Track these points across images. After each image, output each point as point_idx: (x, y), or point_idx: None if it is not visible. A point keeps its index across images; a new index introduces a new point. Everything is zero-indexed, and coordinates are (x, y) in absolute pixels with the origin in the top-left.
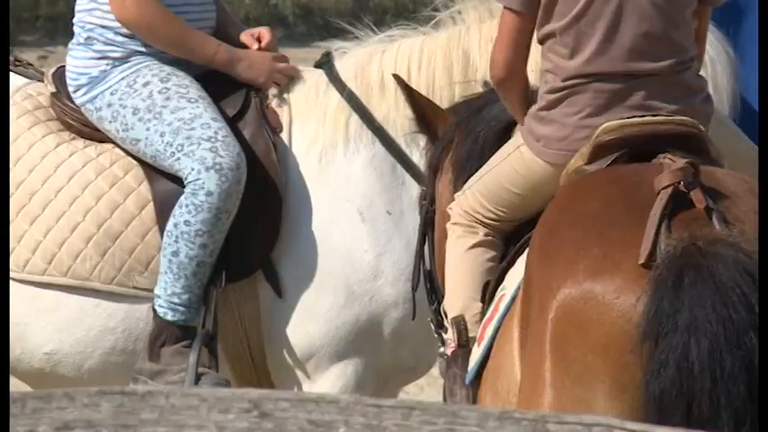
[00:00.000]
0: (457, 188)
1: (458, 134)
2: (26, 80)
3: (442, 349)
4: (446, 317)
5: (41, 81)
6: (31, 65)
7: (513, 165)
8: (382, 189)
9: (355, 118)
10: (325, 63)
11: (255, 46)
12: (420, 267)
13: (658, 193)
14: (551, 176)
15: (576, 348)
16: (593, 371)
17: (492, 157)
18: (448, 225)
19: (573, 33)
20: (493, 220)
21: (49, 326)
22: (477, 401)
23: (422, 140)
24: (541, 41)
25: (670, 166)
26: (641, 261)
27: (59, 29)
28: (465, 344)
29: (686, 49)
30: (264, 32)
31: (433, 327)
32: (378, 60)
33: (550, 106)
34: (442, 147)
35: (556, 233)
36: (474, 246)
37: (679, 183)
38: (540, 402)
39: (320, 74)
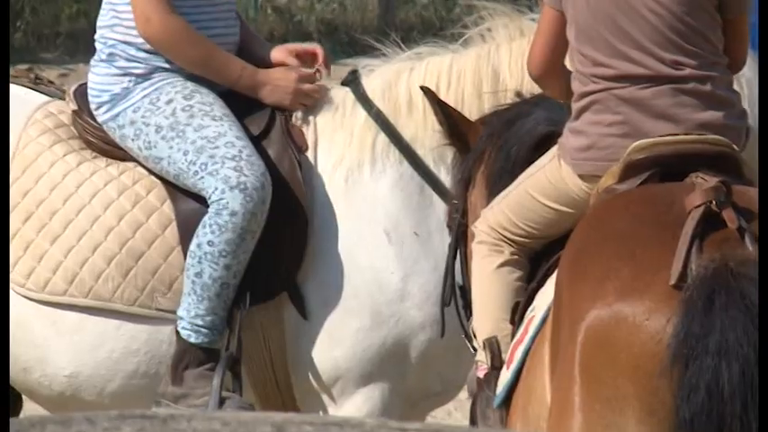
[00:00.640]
0: (489, 203)
1: (489, 146)
2: (47, 98)
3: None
4: (475, 338)
5: (62, 99)
6: (52, 83)
7: (548, 175)
8: (409, 210)
9: (382, 137)
10: (352, 81)
11: (293, 62)
12: (452, 282)
13: (690, 213)
14: (582, 192)
15: (606, 371)
16: (623, 394)
17: (524, 172)
18: (473, 244)
19: (588, 38)
20: (521, 237)
21: (70, 348)
22: (506, 426)
23: (450, 159)
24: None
25: (702, 185)
26: (672, 282)
27: (80, 46)
28: (499, 366)
29: (707, 57)
30: (317, 51)
31: (468, 344)
32: (406, 78)
33: (577, 116)
34: (474, 159)
35: (586, 253)
36: (501, 265)
37: (711, 202)
38: (570, 426)
39: (347, 91)
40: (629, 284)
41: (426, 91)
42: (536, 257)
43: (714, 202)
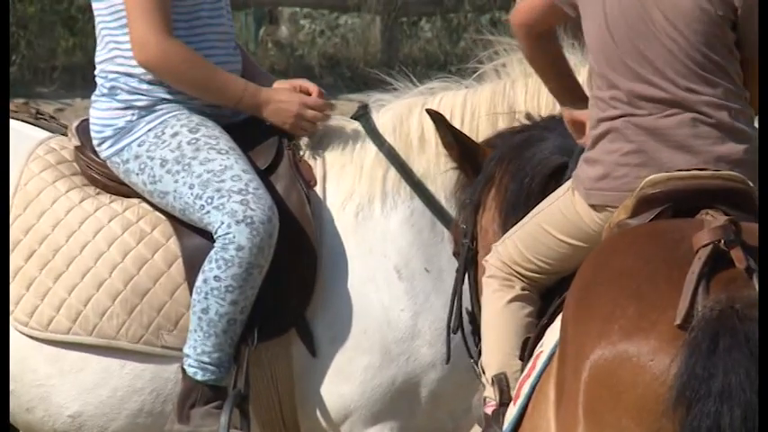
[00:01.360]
0: (503, 233)
1: (499, 171)
2: (48, 133)
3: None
4: (483, 373)
5: (64, 134)
6: (53, 117)
7: (561, 208)
8: (420, 246)
9: (393, 172)
10: (362, 115)
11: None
12: (459, 308)
13: (697, 252)
14: (596, 225)
15: (610, 411)
16: None
17: (538, 205)
18: (483, 279)
19: (607, 61)
20: (533, 272)
21: (73, 387)
22: None
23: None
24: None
25: (711, 223)
26: (678, 322)
27: (77, 80)
28: (507, 402)
29: (725, 87)
30: (311, 88)
31: (475, 369)
32: (418, 113)
33: (593, 145)
34: (484, 183)
35: (592, 290)
36: (512, 300)
37: (719, 241)
38: None
39: (356, 126)
40: (635, 323)
41: (434, 114)
42: (548, 293)
43: (723, 241)
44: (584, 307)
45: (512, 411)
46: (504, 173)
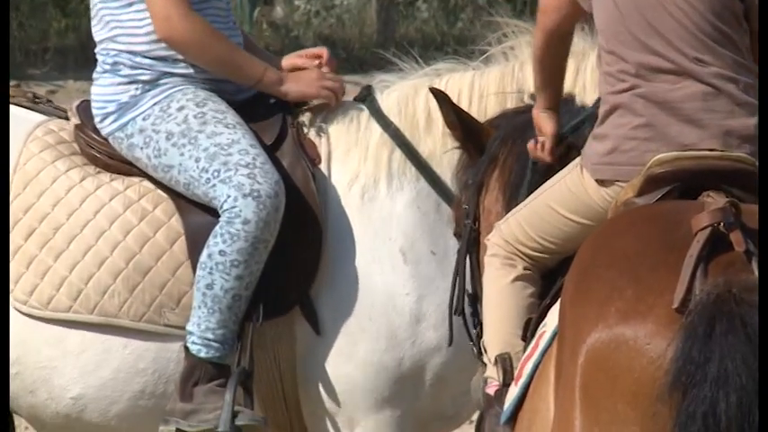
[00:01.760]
0: (506, 213)
1: (504, 151)
2: (45, 117)
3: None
4: (485, 352)
5: (62, 118)
6: (50, 101)
7: (569, 185)
8: (426, 228)
9: (398, 154)
10: (366, 96)
11: (306, 63)
12: (462, 290)
13: (696, 235)
14: (603, 202)
15: (606, 395)
16: (623, 419)
17: (542, 186)
18: (486, 257)
19: (616, 36)
20: (536, 251)
21: (75, 369)
22: None
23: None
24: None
25: (710, 205)
26: (675, 306)
27: (69, 62)
28: (510, 382)
29: (734, 59)
30: (321, 51)
31: (474, 351)
32: (424, 94)
33: (602, 120)
34: (487, 163)
35: (590, 273)
36: (514, 280)
37: (718, 223)
38: None
39: (360, 107)
40: (632, 306)
41: (438, 93)
42: (550, 274)
43: (722, 224)
44: (582, 290)
45: (513, 392)
46: (508, 154)
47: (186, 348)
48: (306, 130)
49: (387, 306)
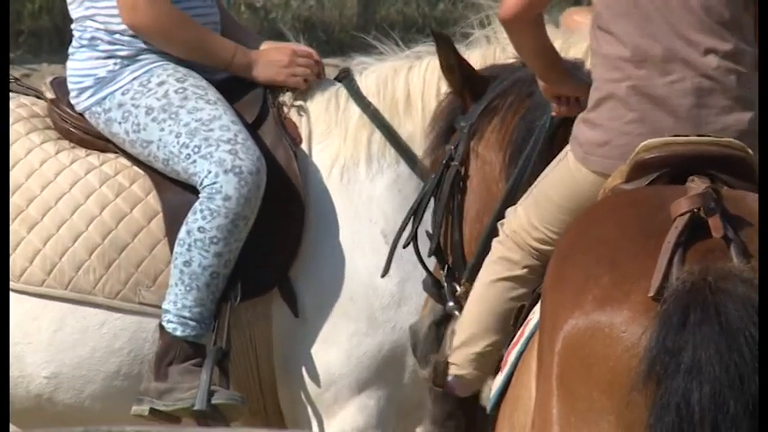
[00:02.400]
0: (506, 169)
1: (502, 101)
2: (17, 94)
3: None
4: (454, 333)
5: (35, 96)
6: (17, 79)
7: (561, 173)
8: (407, 208)
9: (378, 135)
10: (345, 77)
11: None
12: (416, 225)
13: (674, 220)
14: (594, 188)
15: (582, 384)
16: (599, 408)
17: (545, 170)
18: (494, 241)
19: (614, 16)
20: (540, 242)
21: (51, 347)
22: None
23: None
24: (593, 27)
25: (691, 190)
26: (651, 293)
27: (44, 45)
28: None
29: (737, 44)
30: (312, 52)
31: (427, 291)
32: (404, 76)
33: (595, 105)
34: (483, 110)
35: (569, 259)
36: (505, 279)
37: (698, 209)
38: None
39: (339, 87)
40: (608, 293)
41: (438, 34)
42: None
43: (702, 209)
44: (561, 276)
45: (498, 380)
46: (509, 108)
47: (161, 327)
48: (286, 109)
49: (368, 289)
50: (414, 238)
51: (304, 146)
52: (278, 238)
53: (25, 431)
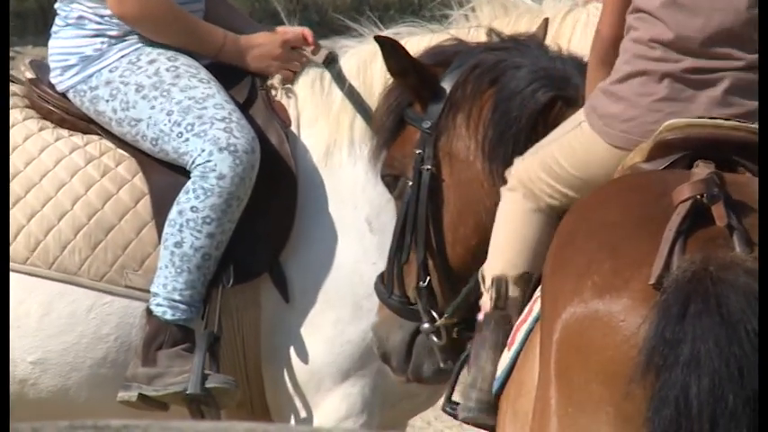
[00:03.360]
0: (492, 171)
1: (462, 94)
2: None
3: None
4: (483, 281)
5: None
6: None
7: (572, 143)
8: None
9: (360, 119)
10: (330, 61)
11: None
12: (413, 236)
13: (677, 207)
14: (610, 161)
15: (579, 374)
16: (597, 399)
17: (554, 130)
18: (503, 190)
19: (662, 3)
20: (549, 197)
21: (38, 332)
22: (498, 414)
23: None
24: (632, 12)
25: (695, 175)
26: (651, 281)
27: (29, 27)
28: (503, 306)
29: (755, 47)
30: (306, 33)
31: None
32: (380, 59)
33: (623, 79)
34: (449, 106)
35: (570, 243)
36: (536, 210)
37: (701, 195)
38: (546, 430)
39: (323, 71)
40: (608, 280)
41: (385, 40)
42: None
43: (705, 196)
44: (562, 260)
45: (505, 358)
46: (471, 100)
47: (149, 311)
48: (275, 92)
49: (352, 276)
50: (402, 250)
51: (293, 128)
52: (270, 220)
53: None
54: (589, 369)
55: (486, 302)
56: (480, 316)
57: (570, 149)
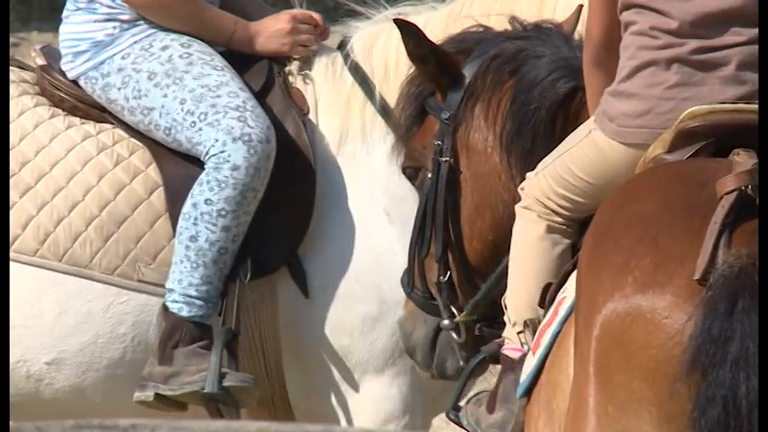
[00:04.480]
0: (510, 164)
1: (488, 86)
2: None
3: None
4: (506, 309)
5: (19, 67)
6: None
7: (585, 151)
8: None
9: (370, 107)
10: (342, 46)
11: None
12: (432, 231)
13: (721, 199)
14: (629, 163)
15: (621, 372)
16: (639, 398)
17: (565, 140)
18: (518, 207)
19: (660, 1)
20: (566, 209)
21: (54, 331)
22: (526, 420)
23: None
24: (625, 8)
25: (738, 165)
26: (696, 277)
27: (33, 13)
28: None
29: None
30: (315, 16)
31: (413, 296)
32: (383, 41)
33: (629, 75)
34: (466, 96)
35: (607, 237)
36: (548, 231)
37: (746, 187)
38: (583, 429)
39: (336, 55)
40: (650, 276)
41: (403, 24)
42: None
43: (750, 187)
44: (599, 255)
45: (530, 363)
46: (492, 91)
47: (165, 307)
48: (292, 78)
49: (374, 269)
50: (422, 244)
51: (311, 116)
52: (288, 212)
53: (15, 422)
54: (631, 367)
55: (512, 338)
56: (510, 353)
57: (584, 158)
